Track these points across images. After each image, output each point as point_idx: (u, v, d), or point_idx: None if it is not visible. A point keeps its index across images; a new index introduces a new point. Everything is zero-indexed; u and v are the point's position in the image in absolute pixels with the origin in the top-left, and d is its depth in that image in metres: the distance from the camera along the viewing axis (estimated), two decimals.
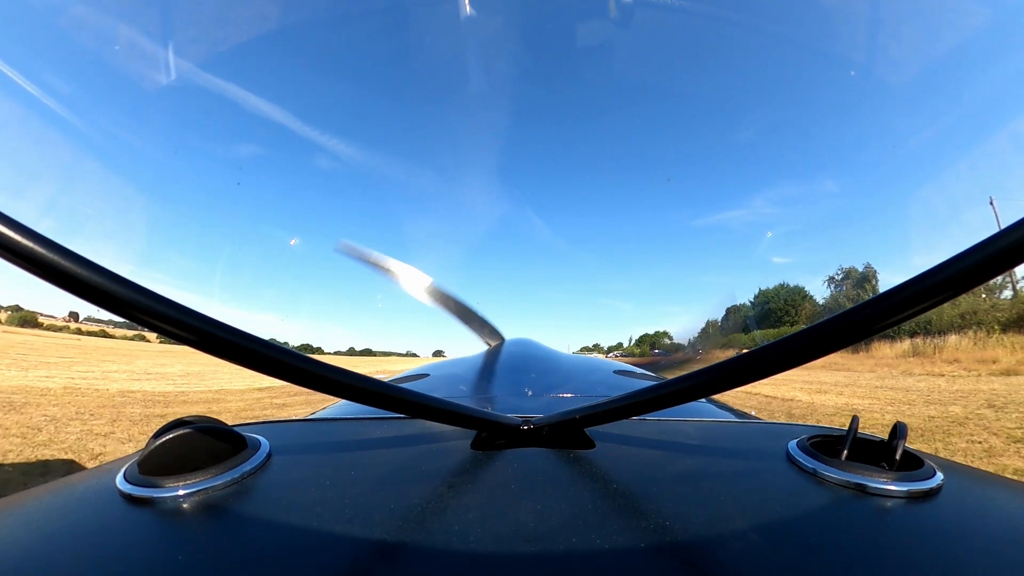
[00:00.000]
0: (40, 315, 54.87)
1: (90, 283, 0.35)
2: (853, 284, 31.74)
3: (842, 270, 33.12)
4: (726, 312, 23.44)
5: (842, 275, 32.89)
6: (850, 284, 31.88)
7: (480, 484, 0.46)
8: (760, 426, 0.76)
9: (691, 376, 0.45)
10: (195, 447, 0.47)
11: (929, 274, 0.34)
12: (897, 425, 0.50)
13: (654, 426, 0.68)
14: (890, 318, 0.35)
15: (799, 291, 37.92)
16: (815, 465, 0.48)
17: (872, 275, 31.14)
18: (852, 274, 32.45)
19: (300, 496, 0.43)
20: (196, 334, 0.38)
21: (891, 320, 0.35)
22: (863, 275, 31.79)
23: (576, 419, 0.56)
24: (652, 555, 0.34)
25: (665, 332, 60.98)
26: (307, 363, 0.42)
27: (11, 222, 0.33)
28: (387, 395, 0.47)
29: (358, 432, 0.66)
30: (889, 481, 0.44)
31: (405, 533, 0.37)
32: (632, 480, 0.47)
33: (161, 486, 0.43)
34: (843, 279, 33.05)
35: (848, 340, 0.37)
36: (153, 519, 0.40)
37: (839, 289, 33.14)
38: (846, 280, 32.70)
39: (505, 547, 0.35)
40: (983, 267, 0.32)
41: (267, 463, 0.51)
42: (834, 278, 33.60)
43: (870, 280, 30.85)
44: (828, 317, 0.38)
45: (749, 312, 44.14)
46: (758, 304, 42.67)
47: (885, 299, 0.36)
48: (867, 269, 31.73)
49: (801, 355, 0.39)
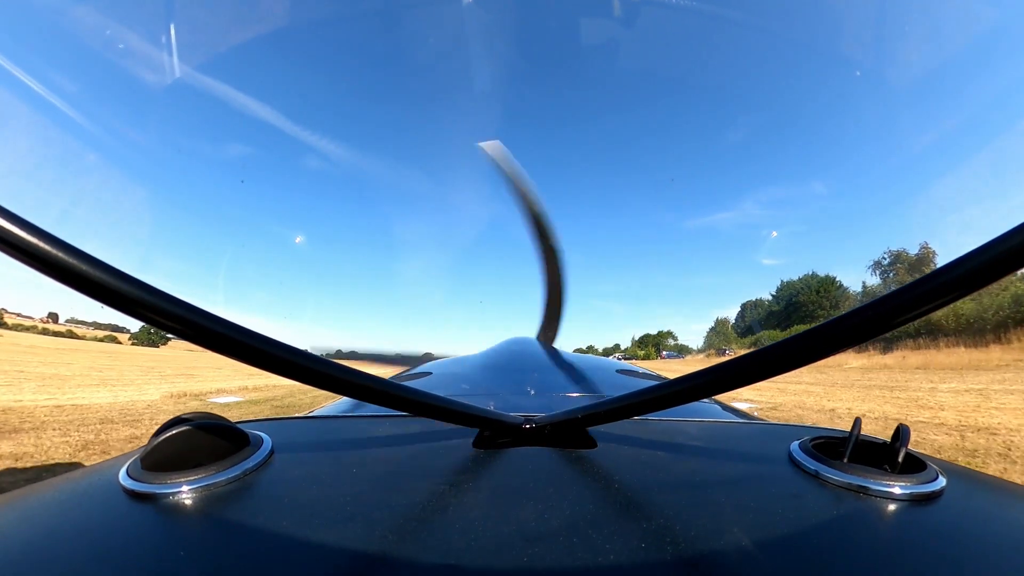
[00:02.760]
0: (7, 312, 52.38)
1: (91, 278, 0.34)
2: (907, 269, 30.24)
3: (890, 253, 31.71)
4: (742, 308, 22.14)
5: (890, 259, 31.52)
6: (903, 269, 30.38)
7: (482, 483, 0.46)
8: (763, 427, 0.75)
9: (693, 376, 0.45)
10: (198, 444, 0.47)
11: (932, 276, 0.34)
12: (900, 428, 0.50)
13: (656, 426, 0.68)
14: (893, 319, 0.35)
15: (830, 280, 36.56)
16: (817, 467, 0.48)
17: (930, 257, 29.87)
18: (903, 258, 31.11)
19: (302, 493, 0.43)
20: (197, 330, 0.38)
21: (893, 321, 0.35)
22: (919, 257, 30.42)
23: (578, 418, 0.55)
24: (654, 556, 0.34)
25: (669, 332, 60.32)
26: (311, 360, 0.42)
27: (14, 217, 0.33)
28: (389, 393, 0.47)
29: (360, 430, 0.67)
30: (891, 484, 0.44)
31: (407, 531, 0.37)
32: (634, 480, 0.47)
33: (164, 482, 0.43)
34: (891, 263, 31.63)
35: (849, 342, 0.37)
36: (156, 515, 0.40)
37: (888, 275, 31.69)
38: (895, 264, 31.32)
39: (507, 546, 0.35)
40: (986, 269, 0.32)
41: (269, 460, 0.50)
42: (880, 263, 32.17)
43: (927, 263, 29.53)
44: (828, 320, 0.38)
45: (772, 307, 42.79)
46: (781, 297, 41.27)
47: (886, 301, 0.36)
48: (923, 251, 30.45)
49: (803, 357, 0.39)
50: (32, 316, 59.74)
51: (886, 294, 0.36)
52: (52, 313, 64.03)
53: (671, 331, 61.60)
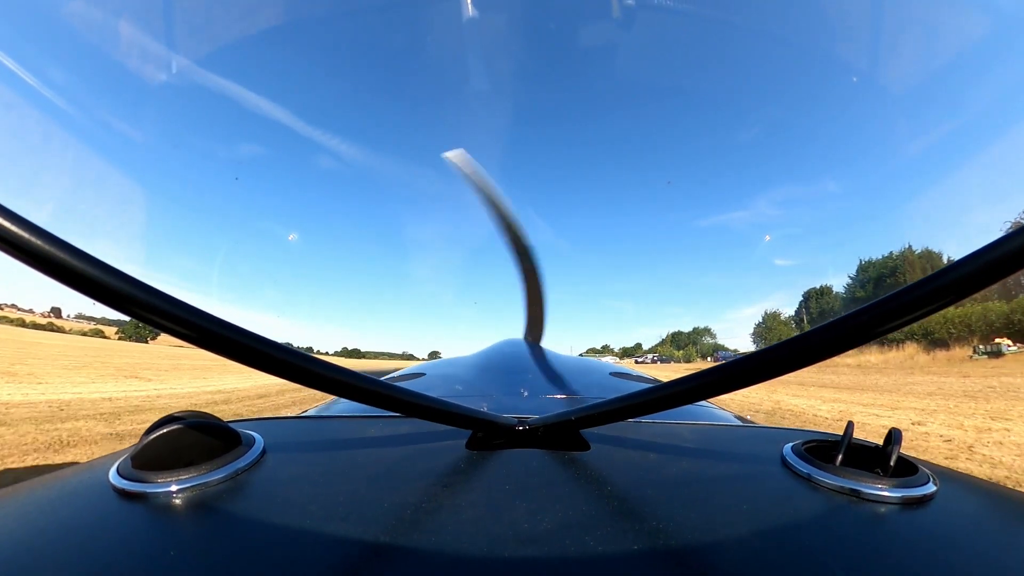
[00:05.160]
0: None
1: (90, 278, 0.34)
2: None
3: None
4: (804, 297, 20.65)
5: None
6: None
7: (475, 484, 0.46)
8: (755, 430, 0.75)
9: (687, 379, 0.45)
10: (189, 443, 0.47)
11: (934, 277, 0.34)
12: (892, 431, 0.50)
13: (649, 428, 0.67)
14: (895, 320, 0.35)
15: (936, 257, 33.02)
16: (809, 470, 0.48)
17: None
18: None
19: (294, 493, 0.43)
20: (191, 329, 0.37)
21: (896, 323, 0.35)
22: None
23: (571, 420, 0.55)
24: (645, 558, 0.34)
25: (707, 328, 56.25)
26: (303, 360, 0.42)
27: (13, 216, 0.33)
28: (382, 394, 0.47)
29: (353, 430, 0.66)
30: (883, 487, 0.44)
31: (399, 532, 0.37)
32: (626, 482, 0.47)
33: (154, 481, 0.43)
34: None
35: (847, 344, 0.37)
36: (145, 514, 0.40)
37: None
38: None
39: (499, 548, 0.35)
40: (989, 270, 0.32)
41: (261, 460, 0.50)
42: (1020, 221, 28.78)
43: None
44: (826, 322, 0.38)
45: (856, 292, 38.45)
46: (868, 279, 37.30)
47: (888, 302, 0.35)
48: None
49: (800, 359, 0.39)
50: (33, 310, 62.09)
51: (890, 295, 0.36)
52: (55, 308, 67.39)
53: (708, 327, 56.60)
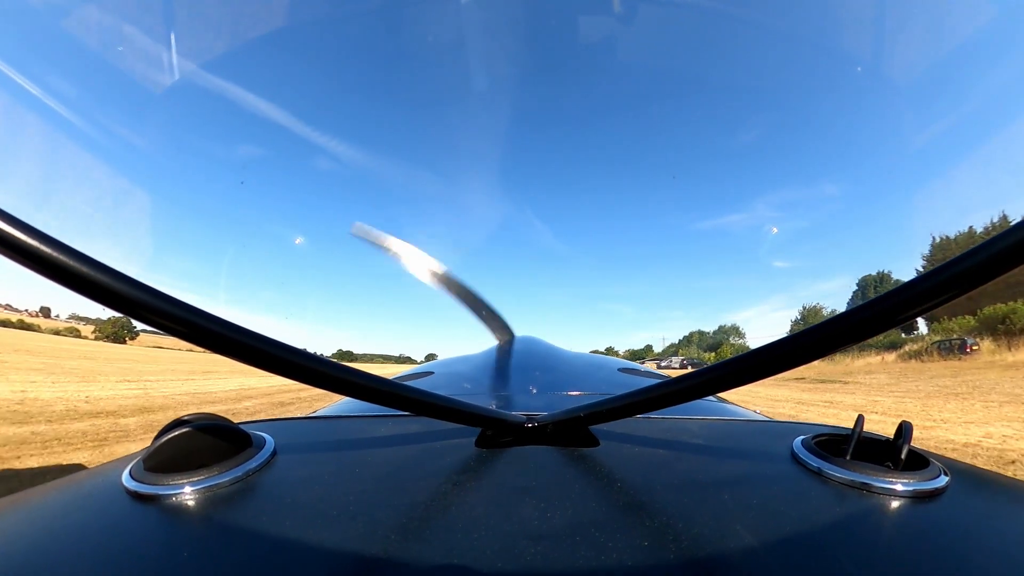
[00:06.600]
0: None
1: (92, 280, 0.34)
2: None
3: None
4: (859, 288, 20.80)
5: None
6: None
7: (485, 482, 0.46)
8: (765, 425, 0.75)
9: (696, 375, 0.45)
10: (200, 445, 0.47)
11: (934, 273, 0.34)
12: (903, 424, 0.50)
13: (659, 424, 0.67)
14: (897, 315, 0.35)
15: None
16: (820, 464, 0.48)
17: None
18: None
19: (305, 494, 0.43)
20: (200, 332, 0.38)
21: (897, 318, 0.35)
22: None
23: (581, 417, 0.55)
24: (657, 554, 0.34)
25: (735, 327, 52.50)
26: (313, 361, 0.42)
27: (15, 220, 0.33)
28: (392, 393, 0.47)
29: (363, 430, 0.67)
30: (894, 481, 0.44)
31: (411, 531, 0.37)
32: (637, 478, 0.47)
33: (166, 483, 0.43)
34: None
35: (853, 339, 0.37)
36: (159, 516, 0.40)
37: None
38: None
39: (510, 545, 0.35)
40: (988, 266, 0.32)
41: (272, 461, 0.50)
42: None
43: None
44: (830, 317, 0.38)
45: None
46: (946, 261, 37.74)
47: (889, 298, 0.36)
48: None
49: (808, 353, 0.39)
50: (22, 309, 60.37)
51: (891, 292, 0.36)
52: (44, 307, 66.21)
53: (736, 326, 48.12)
